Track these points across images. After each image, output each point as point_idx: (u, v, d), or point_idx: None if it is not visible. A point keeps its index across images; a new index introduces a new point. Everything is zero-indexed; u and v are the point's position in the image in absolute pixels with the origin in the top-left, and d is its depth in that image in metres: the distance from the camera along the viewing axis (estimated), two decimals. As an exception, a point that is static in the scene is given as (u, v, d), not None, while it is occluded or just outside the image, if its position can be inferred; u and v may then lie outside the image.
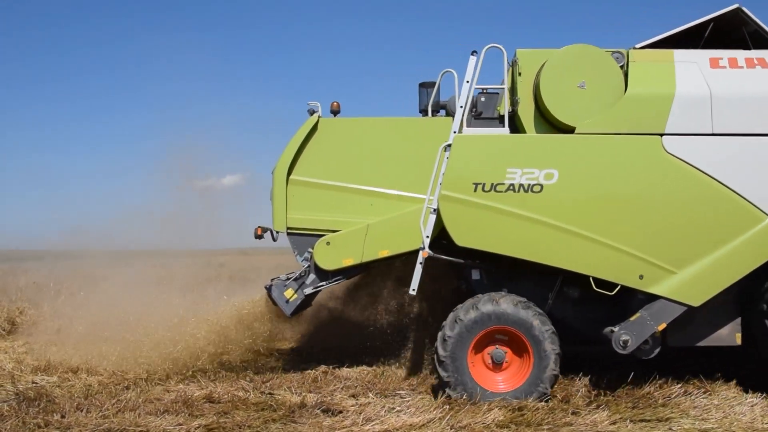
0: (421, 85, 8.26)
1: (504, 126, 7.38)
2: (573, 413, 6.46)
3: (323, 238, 7.56)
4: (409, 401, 6.90)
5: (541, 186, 6.88)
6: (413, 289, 7.09)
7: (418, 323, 9.18)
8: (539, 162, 6.91)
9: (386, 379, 7.98)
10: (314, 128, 7.73)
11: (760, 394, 7.00)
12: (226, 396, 7.16)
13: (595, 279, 6.88)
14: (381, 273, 9.22)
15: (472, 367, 6.83)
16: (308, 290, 7.62)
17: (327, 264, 7.54)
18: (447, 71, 7.74)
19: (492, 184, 6.89)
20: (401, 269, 8.57)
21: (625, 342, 6.82)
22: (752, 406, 6.65)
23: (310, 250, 7.63)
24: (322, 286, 7.71)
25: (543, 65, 7.15)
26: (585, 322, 7.41)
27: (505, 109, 7.32)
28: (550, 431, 6.08)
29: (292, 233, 7.70)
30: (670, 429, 6.12)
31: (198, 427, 6.17)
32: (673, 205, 6.86)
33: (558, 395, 7.08)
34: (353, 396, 7.22)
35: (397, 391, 7.36)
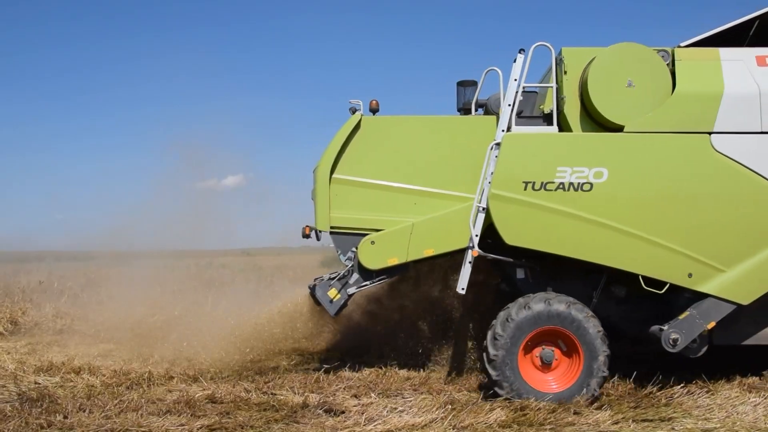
0: (459, 84, 8.21)
1: (545, 124, 7.40)
2: (575, 413, 6.45)
3: (367, 237, 7.47)
4: (411, 401, 6.90)
5: (591, 185, 6.90)
6: (462, 288, 7.07)
7: (425, 323, 9.16)
8: (589, 161, 6.92)
9: (388, 379, 7.98)
10: (357, 127, 7.64)
11: (762, 393, 6.99)
12: (228, 396, 7.16)
13: (644, 277, 6.91)
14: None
15: (522, 366, 6.81)
16: (352, 290, 7.54)
17: (371, 263, 7.45)
18: (491, 69, 7.71)
19: (542, 183, 6.91)
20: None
21: (675, 340, 6.83)
22: (755, 405, 6.64)
23: (353, 249, 7.55)
24: (366, 285, 7.61)
25: (589, 64, 7.14)
26: (629, 320, 7.42)
27: (553, 107, 7.29)
28: (552, 431, 6.08)
29: (335, 232, 7.63)
30: (673, 429, 6.11)
31: (200, 428, 6.16)
32: (722, 203, 6.88)
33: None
34: (355, 396, 7.22)
35: (400, 391, 7.36)
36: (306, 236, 7.95)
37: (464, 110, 8.21)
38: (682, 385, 7.18)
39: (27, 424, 6.24)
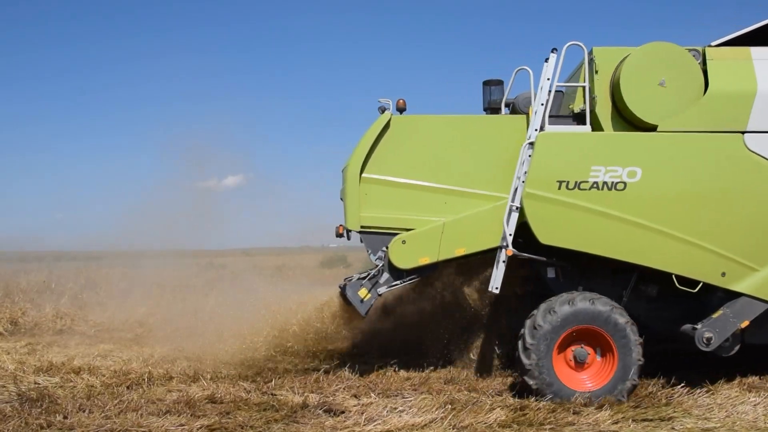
0: (485, 83, 8.18)
1: (574, 123, 7.41)
2: (575, 413, 6.45)
3: (398, 236, 7.42)
4: (411, 401, 6.90)
5: (625, 184, 6.93)
6: (496, 288, 7.10)
7: (427, 322, 9.14)
8: (622, 160, 6.95)
9: (388, 379, 7.98)
10: (386, 126, 7.61)
11: (762, 393, 6.99)
12: (228, 396, 7.16)
13: (677, 276, 6.94)
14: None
15: (556, 363, 6.85)
16: (382, 289, 7.50)
17: (403, 263, 7.39)
18: (521, 69, 7.71)
19: (576, 182, 6.94)
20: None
21: (708, 339, 6.86)
22: (755, 405, 6.65)
23: (384, 248, 7.51)
24: (396, 285, 7.55)
25: (621, 63, 7.14)
26: (659, 319, 7.44)
27: (585, 106, 7.30)
28: (552, 431, 6.07)
29: (365, 232, 7.62)
30: (673, 428, 6.11)
31: (200, 428, 6.16)
32: (756, 203, 6.92)
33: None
34: (355, 396, 7.22)
35: (400, 391, 7.36)
36: (339, 235, 7.88)
37: (491, 109, 8.17)
38: (682, 384, 7.18)
39: (27, 424, 6.24)
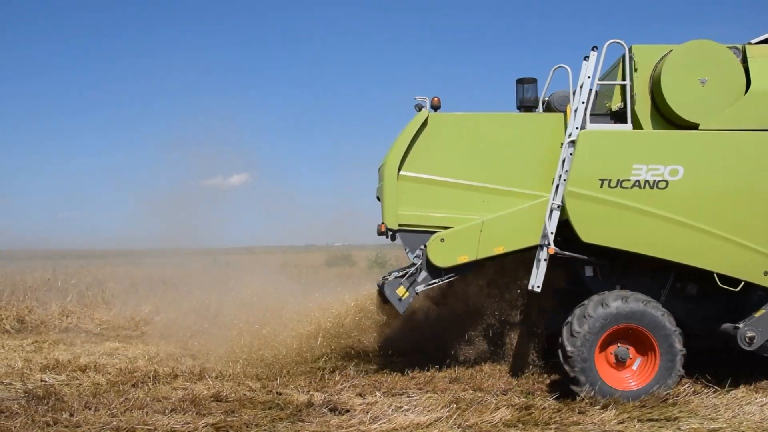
0: (519, 81, 8.14)
1: (611, 121, 7.41)
2: (580, 412, 6.44)
3: (437, 234, 7.39)
4: (416, 400, 6.90)
5: (667, 182, 6.94)
6: (538, 286, 7.11)
7: (431, 322, 9.11)
8: (664, 158, 6.96)
9: (393, 378, 7.98)
10: (424, 124, 7.56)
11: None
12: (233, 395, 7.18)
13: (719, 275, 6.94)
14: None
15: (599, 364, 6.84)
16: (420, 288, 7.48)
17: (441, 261, 7.37)
18: (559, 67, 7.72)
19: (618, 180, 6.95)
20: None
21: (751, 338, 6.87)
22: (761, 406, 6.61)
23: (422, 247, 7.49)
24: (434, 283, 7.52)
25: (661, 61, 7.14)
26: (697, 318, 7.43)
27: (627, 104, 7.29)
28: (557, 430, 6.06)
29: (403, 230, 7.54)
30: (679, 428, 6.09)
31: (206, 426, 6.18)
32: None
33: (567, 394, 7.07)
34: (360, 395, 7.22)
35: (405, 390, 7.36)
36: (381, 233, 7.80)
37: (524, 107, 8.12)
38: (688, 384, 7.16)
39: (33, 421, 6.27)
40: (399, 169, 7.48)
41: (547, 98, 8.00)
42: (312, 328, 9.32)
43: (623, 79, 7.37)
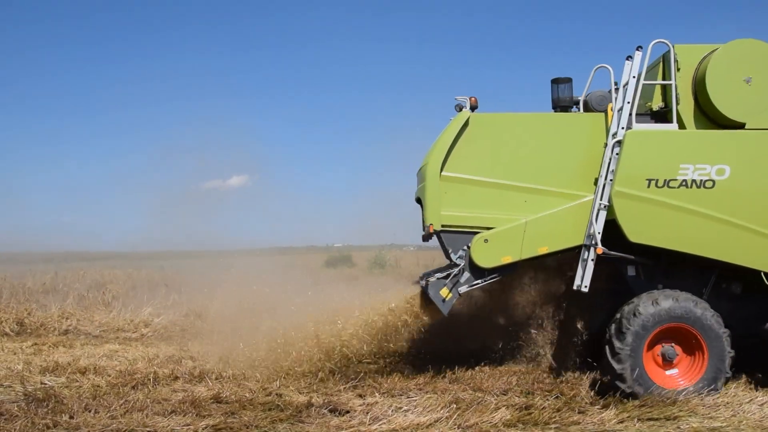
0: (554, 81, 8.12)
1: (652, 121, 7.43)
2: (580, 412, 6.45)
3: (480, 235, 7.37)
4: (416, 401, 6.90)
5: (713, 182, 6.97)
6: (585, 286, 7.12)
7: (464, 323, 9.03)
8: (711, 158, 6.98)
9: (393, 378, 7.97)
10: (465, 124, 7.54)
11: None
12: (233, 396, 7.17)
13: (766, 274, 6.99)
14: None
15: (646, 363, 6.87)
16: (463, 289, 7.45)
17: (485, 262, 7.35)
18: (601, 66, 7.72)
19: (665, 180, 6.99)
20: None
21: None
22: (761, 404, 6.62)
23: (465, 247, 7.47)
24: (477, 284, 7.50)
25: (705, 61, 7.15)
26: (739, 317, 7.43)
27: (672, 104, 7.27)
28: (557, 430, 6.06)
29: (445, 231, 7.49)
30: (679, 428, 6.09)
31: (206, 428, 6.18)
32: None
33: (566, 393, 7.07)
34: (360, 396, 7.23)
35: (405, 391, 7.36)
36: (430, 235, 7.71)
37: (560, 107, 8.06)
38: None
39: (33, 424, 6.26)
40: (441, 170, 7.47)
41: (581, 97, 7.97)
42: (352, 330, 9.13)
43: (664, 78, 7.38)
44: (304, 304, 9.43)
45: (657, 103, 7.48)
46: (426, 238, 7.87)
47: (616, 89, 7.51)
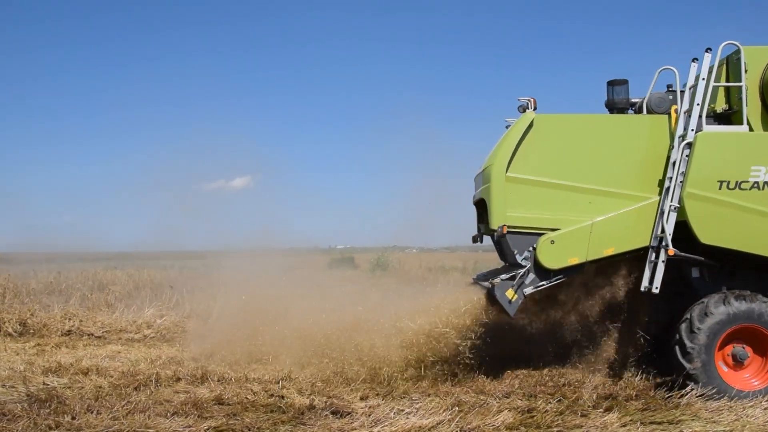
0: (610, 83, 8.13)
1: (717, 123, 7.42)
2: (582, 415, 6.43)
3: (546, 236, 7.37)
4: (418, 403, 6.89)
5: None
6: (656, 288, 7.11)
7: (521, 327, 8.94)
8: None
9: (395, 381, 7.96)
10: (530, 125, 7.55)
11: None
12: (235, 398, 7.17)
13: None
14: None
15: (717, 363, 6.88)
16: (528, 290, 7.42)
17: (552, 263, 7.35)
18: (665, 68, 7.71)
19: (736, 182, 7.01)
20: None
21: None
22: (765, 409, 6.59)
23: (530, 249, 7.47)
24: (543, 285, 7.47)
25: None
26: None
27: (742, 106, 7.28)
28: (560, 433, 6.05)
29: (511, 232, 7.48)
30: (681, 431, 6.08)
31: (207, 429, 6.17)
32: None
33: (569, 396, 7.05)
34: (362, 398, 7.22)
35: (407, 394, 7.35)
36: (503, 236, 7.61)
37: (616, 109, 8.06)
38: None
39: (35, 424, 6.27)
40: (506, 171, 7.46)
41: (643, 100, 7.91)
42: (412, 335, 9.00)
43: (728, 80, 7.38)
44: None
45: (721, 105, 7.48)
46: (476, 239, 7.83)
47: (672, 91, 7.53)
